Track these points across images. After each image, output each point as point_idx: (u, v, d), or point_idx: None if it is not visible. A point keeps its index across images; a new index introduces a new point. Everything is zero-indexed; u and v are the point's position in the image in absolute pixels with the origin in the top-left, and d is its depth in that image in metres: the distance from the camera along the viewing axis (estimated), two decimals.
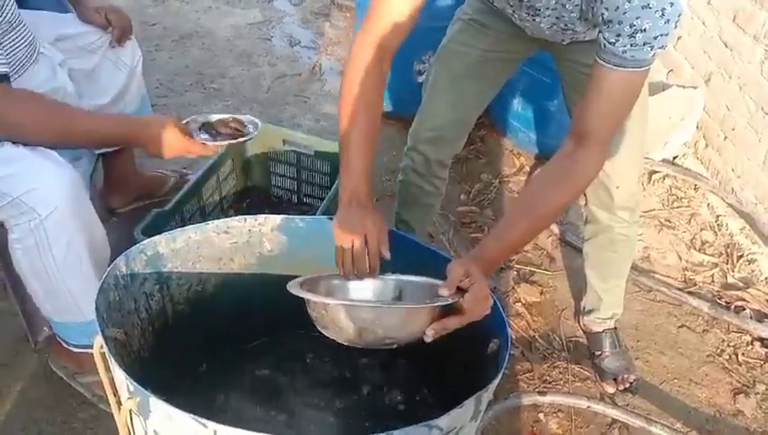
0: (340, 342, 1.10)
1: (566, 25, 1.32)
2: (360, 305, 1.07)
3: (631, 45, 1.09)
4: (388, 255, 1.18)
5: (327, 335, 1.11)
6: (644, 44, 1.08)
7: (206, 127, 1.60)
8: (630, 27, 1.07)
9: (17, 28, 1.45)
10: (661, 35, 1.08)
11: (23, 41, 1.47)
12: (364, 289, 1.20)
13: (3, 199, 1.31)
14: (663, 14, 1.06)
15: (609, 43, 1.11)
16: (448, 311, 1.08)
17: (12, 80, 1.37)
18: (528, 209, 1.22)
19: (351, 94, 1.24)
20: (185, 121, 1.57)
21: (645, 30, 1.07)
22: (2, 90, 1.29)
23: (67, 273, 1.40)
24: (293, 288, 1.11)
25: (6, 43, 1.40)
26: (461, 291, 1.08)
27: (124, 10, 1.85)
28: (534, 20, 1.36)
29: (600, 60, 1.13)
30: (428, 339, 1.06)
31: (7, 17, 1.40)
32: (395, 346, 1.09)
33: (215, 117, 1.63)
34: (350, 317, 1.04)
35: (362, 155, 1.23)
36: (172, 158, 1.51)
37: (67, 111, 1.41)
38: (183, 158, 2.42)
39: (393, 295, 1.21)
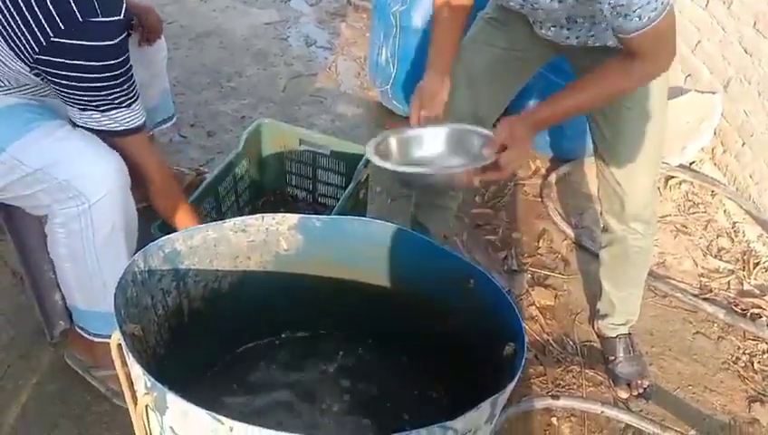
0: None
1: (568, 22, 1.36)
2: (414, 172, 1.34)
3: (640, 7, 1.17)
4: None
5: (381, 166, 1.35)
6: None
7: None
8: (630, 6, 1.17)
9: None
10: None
11: None
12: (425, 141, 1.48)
13: (52, 181, 1.32)
14: None
15: (623, 24, 1.20)
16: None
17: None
18: (584, 87, 1.38)
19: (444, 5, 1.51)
20: None
21: None
22: (141, 137, 1.41)
23: (104, 259, 1.42)
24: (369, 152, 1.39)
25: None
26: (503, 148, 1.33)
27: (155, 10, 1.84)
28: (537, 12, 1.39)
29: (628, 39, 1.24)
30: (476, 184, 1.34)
31: None
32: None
33: None
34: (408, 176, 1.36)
35: (448, 37, 1.53)
36: None
37: (176, 193, 1.55)
38: (200, 156, 2.47)
39: (444, 149, 1.47)
